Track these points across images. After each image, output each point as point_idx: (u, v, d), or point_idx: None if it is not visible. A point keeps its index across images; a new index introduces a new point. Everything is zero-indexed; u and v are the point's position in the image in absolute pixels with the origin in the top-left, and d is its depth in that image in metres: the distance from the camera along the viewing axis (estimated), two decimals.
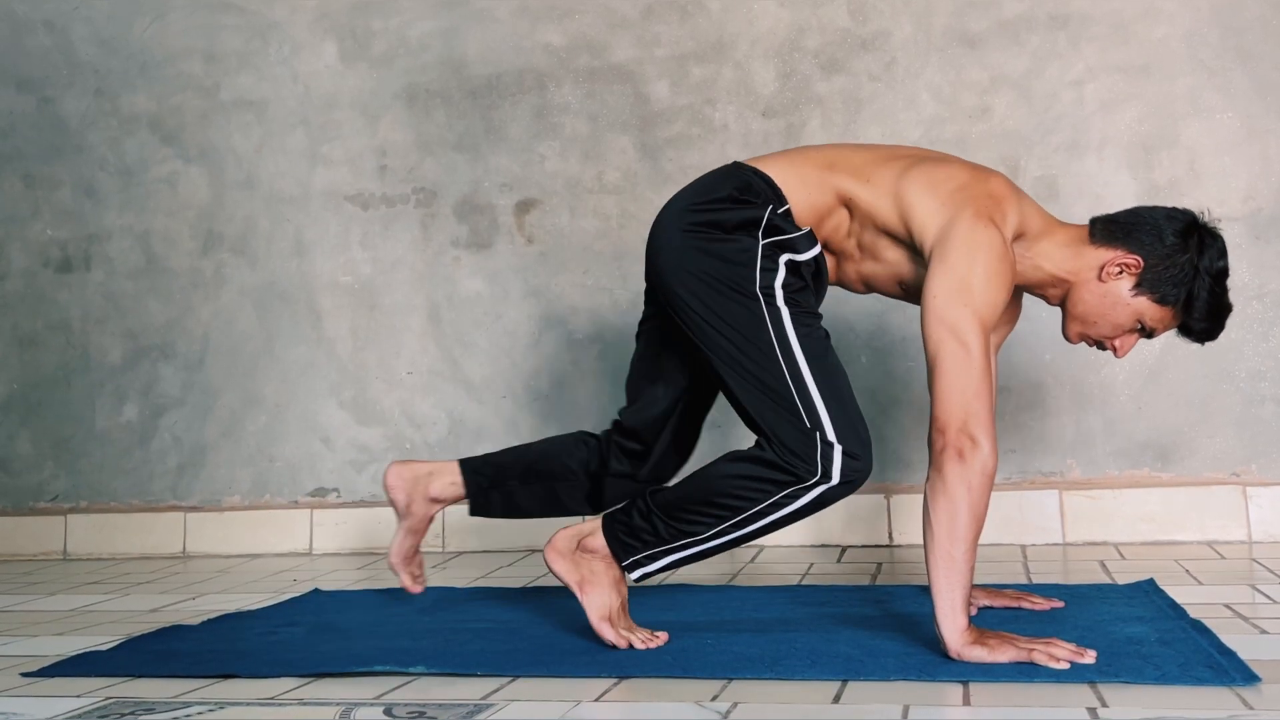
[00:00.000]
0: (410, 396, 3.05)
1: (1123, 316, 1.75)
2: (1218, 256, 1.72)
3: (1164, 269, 1.70)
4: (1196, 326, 1.75)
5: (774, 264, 1.72)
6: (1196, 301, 1.72)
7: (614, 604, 1.74)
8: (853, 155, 1.82)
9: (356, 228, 3.11)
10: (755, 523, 1.69)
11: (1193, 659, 1.49)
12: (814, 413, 1.66)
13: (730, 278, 1.72)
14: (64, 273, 3.29)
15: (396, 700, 1.49)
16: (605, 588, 1.75)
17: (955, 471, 1.56)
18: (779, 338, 1.69)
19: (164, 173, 3.24)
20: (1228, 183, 2.62)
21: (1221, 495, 2.58)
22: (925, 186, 1.73)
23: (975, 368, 1.58)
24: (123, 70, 3.27)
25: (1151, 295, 1.72)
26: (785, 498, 1.66)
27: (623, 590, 1.77)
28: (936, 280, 1.64)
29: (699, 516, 1.70)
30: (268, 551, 3.06)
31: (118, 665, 1.73)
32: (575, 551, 1.77)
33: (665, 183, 2.90)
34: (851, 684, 1.47)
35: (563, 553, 1.77)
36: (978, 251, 1.64)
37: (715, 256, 1.73)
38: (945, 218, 1.68)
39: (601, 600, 1.74)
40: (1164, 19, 2.67)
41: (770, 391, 1.68)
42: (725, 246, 1.73)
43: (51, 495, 3.26)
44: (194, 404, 3.18)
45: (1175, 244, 1.70)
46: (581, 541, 1.77)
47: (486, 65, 3.04)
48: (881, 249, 1.80)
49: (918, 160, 1.79)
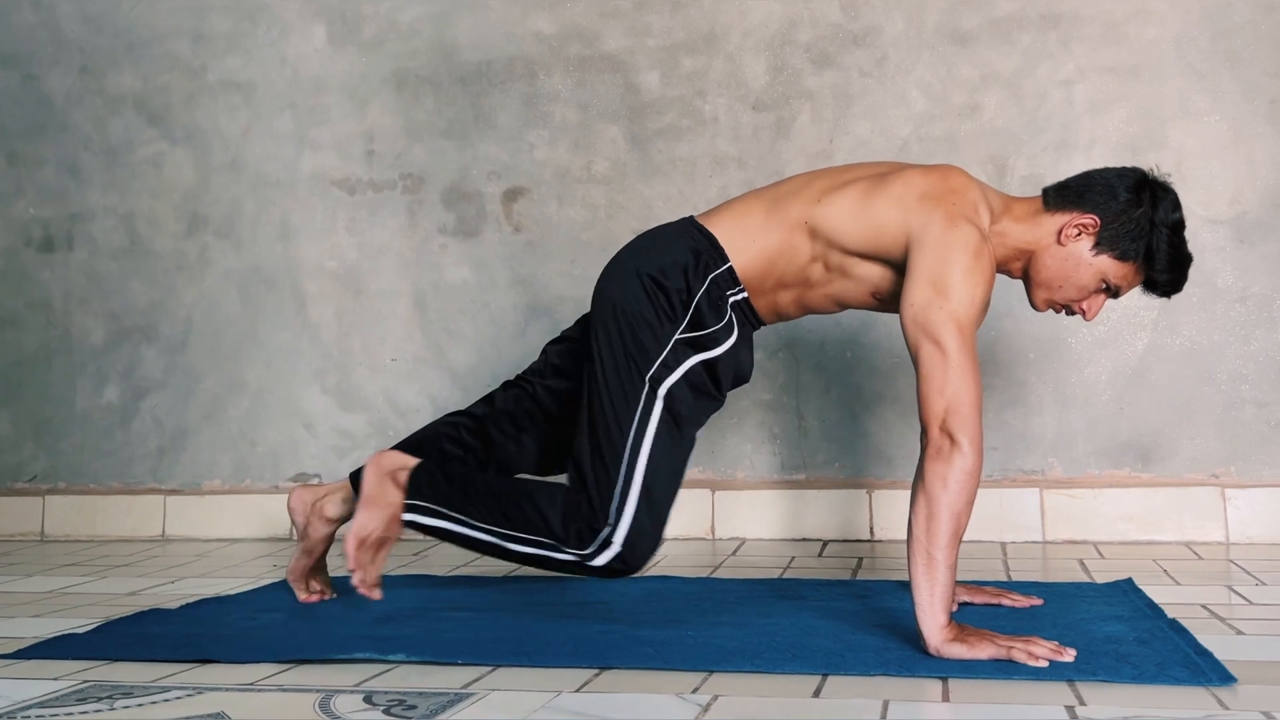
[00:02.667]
0: (394, 383, 3.04)
1: (1086, 277, 1.77)
2: (1172, 208, 1.75)
3: (1120, 225, 1.73)
4: (1160, 279, 1.78)
5: (676, 362, 1.78)
6: (1157, 254, 1.74)
7: (375, 532, 1.85)
8: (805, 186, 1.86)
9: (343, 213, 3.09)
10: (516, 545, 1.81)
11: (1170, 659, 1.50)
12: (621, 508, 1.74)
13: (637, 347, 1.79)
14: (46, 252, 3.26)
15: (376, 688, 1.48)
16: (380, 515, 1.86)
17: (934, 469, 1.57)
18: (639, 428, 1.77)
19: (149, 153, 3.21)
20: (1214, 186, 2.63)
21: (1201, 496, 2.60)
22: (890, 202, 1.75)
23: (953, 368, 1.60)
24: (109, 49, 3.24)
25: (1112, 252, 1.74)
26: (547, 544, 1.78)
27: (393, 532, 1.87)
28: (913, 287, 1.66)
29: (486, 507, 1.81)
30: (248, 536, 3.05)
31: (95, 648, 1.72)
32: (389, 474, 1.88)
33: (654, 174, 2.90)
34: (831, 678, 1.48)
35: (381, 468, 1.89)
36: (952, 251, 1.66)
37: (636, 325, 1.79)
38: (916, 225, 1.71)
39: (370, 523, 1.85)
40: (1155, 20, 2.68)
41: (601, 461, 1.76)
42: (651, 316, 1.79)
43: (30, 475, 3.24)
44: (176, 387, 3.16)
45: (1129, 199, 1.73)
46: (397, 471, 1.88)
47: (477, 52, 3.03)
48: (850, 266, 1.82)
49: (875, 179, 1.81)
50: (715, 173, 2.87)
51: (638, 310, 1.79)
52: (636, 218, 2.90)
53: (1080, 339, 2.68)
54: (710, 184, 2.86)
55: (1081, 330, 2.67)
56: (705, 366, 1.80)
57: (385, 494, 1.87)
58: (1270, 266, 2.61)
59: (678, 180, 2.89)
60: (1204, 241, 2.59)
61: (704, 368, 1.80)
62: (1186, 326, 2.63)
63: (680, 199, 2.87)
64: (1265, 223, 2.62)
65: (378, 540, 1.86)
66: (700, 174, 2.88)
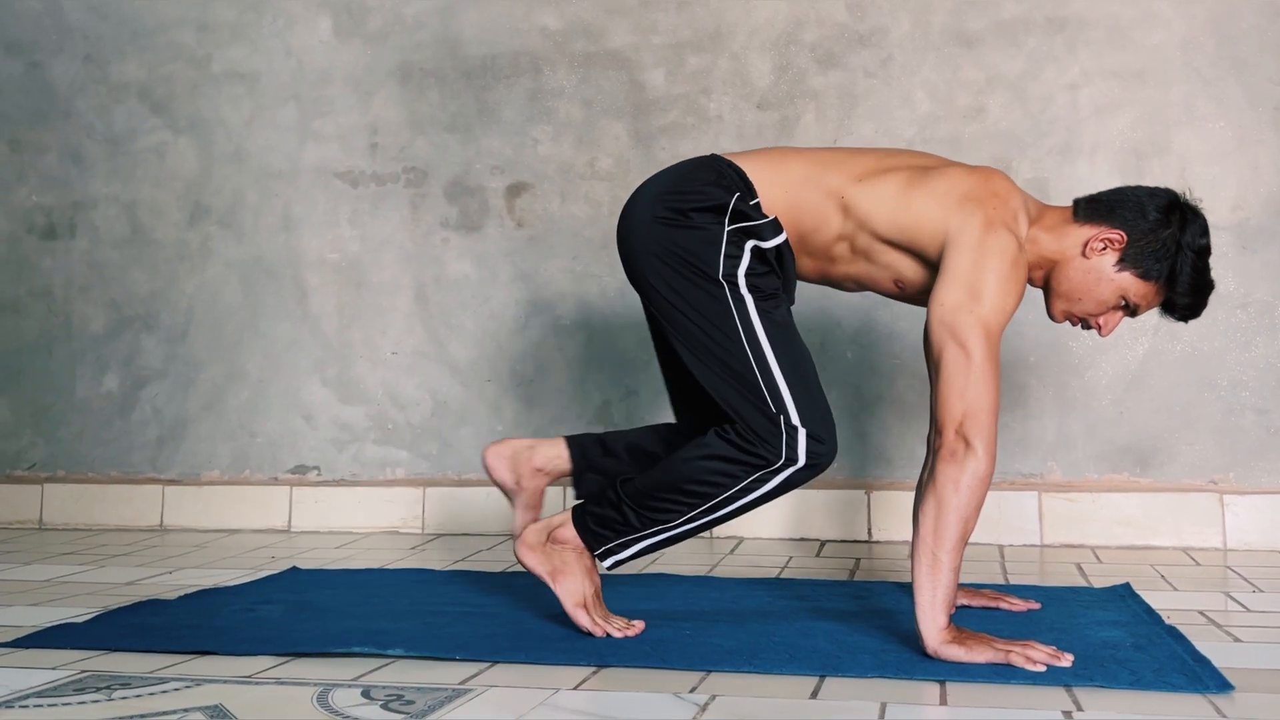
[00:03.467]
0: (394, 376, 3.04)
1: (1107, 292, 1.76)
2: (1200, 233, 1.74)
3: (1147, 244, 1.72)
4: (1180, 302, 1.76)
5: (739, 250, 1.73)
6: (1180, 277, 1.73)
7: (588, 591, 1.75)
8: (850, 160, 1.81)
9: (345, 205, 3.09)
10: (724, 508, 1.71)
11: (1167, 665, 1.50)
12: (778, 397, 1.68)
13: (696, 263, 1.73)
14: (48, 239, 3.26)
15: (374, 682, 1.49)
16: (578, 576, 1.76)
17: (946, 472, 1.57)
18: (744, 323, 1.71)
19: (152, 142, 3.21)
20: (1217, 192, 2.63)
21: (1199, 502, 2.60)
22: (932, 198, 1.72)
23: (976, 373, 1.59)
24: (113, 37, 3.23)
25: (1135, 270, 1.73)
26: (752, 483, 1.69)
27: (595, 579, 1.78)
28: (945, 287, 1.65)
29: (668, 504, 1.72)
30: (246, 527, 3.05)
31: (93, 638, 1.72)
32: (545, 544, 1.78)
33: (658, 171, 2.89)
34: (829, 679, 1.48)
35: (533, 546, 1.78)
36: (989, 258, 1.65)
37: (682, 241, 1.74)
38: (955, 225, 1.68)
39: (575, 588, 1.75)
40: (1160, 25, 2.68)
41: (735, 376, 1.70)
42: (692, 233, 1.74)
43: (29, 464, 3.24)
44: (176, 376, 3.16)
45: (1158, 219, 1.72)
46: (551, 533, 1.79)
47: (482, 46, 3.03)
48: (878, 253, 1.79)
49: (919, 171, 1.78)
50: None
51: (678, 228, 1.74)
52: None
53: (1081, 343, 2.68)
54: None
55: (1082, 334, 2.67)
56: (763, 253, 1.75)
57: (563, 558, 1.77)
58: (1272, 273, 2.61)
59: None
60: (1211, 241, 2.58)
61: (764, 254, 1.75)
62: (1187, 332, 2.63)
63: None
64: (1268, 229, 2.62)
65: (595, 592, 1.77)
66: None
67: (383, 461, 3.04)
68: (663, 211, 1.77)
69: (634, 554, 1.77)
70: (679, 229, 1.75)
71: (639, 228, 1.79)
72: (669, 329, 1.77)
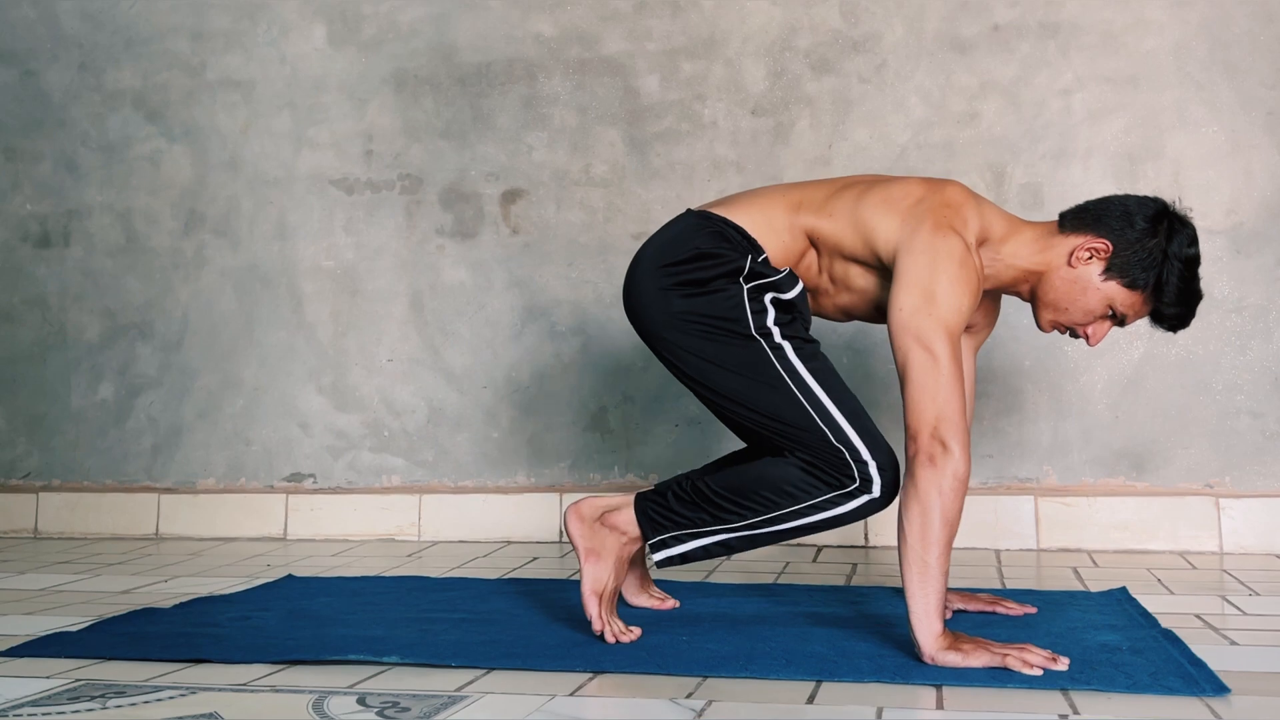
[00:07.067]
0: (390, 384, 3.04)
1: (1093, 302, 1.76)
2: (1188, 243, 1.73)
3: (1133, 253, 1.72)
4: (1167, 312, 1.76)
5: (762, 305, 1.75)
6: (1166, 287, 1.73)
7: (609, 583, 1.76)
8: (813, 191, 1.84)
9: (340, 212, 3.09)
10: (792, 520, 1.71)
11: (1164, 668, 1.50)
12: (843, 437, 1.69)
13: (724, 325, 1.74)
14: (42, 248, 3.26)
15: (370, 690, 1.48)
16: (608, 565, 1.77)
17: (927, 477, 1.57)
18: (788, 372, 1.72)
19: (147, 150, 3.21)
20: (1210, 196, 2.64)
21: (1195, 506, 2.60)
22: (882, 205, 1.75)
23: (944, 374, 1.60)
24: (108, 45, 3.23)
25: (1121, 279, 1.73)
26: (826, 501, 1.69)
27: (622, 576, 1.79)
28: (900, 293, 1.66)
29: (737, 504, 1.72)
30: (241, 535, 3.04)
31: (88, 647, 1.72)
32: (596, 521, 1.79)
33: (653, 177, 2.90)
34: (825, 684, 1.48)
35: (584, 518, 1.80)
36: (939, 260, 1.66)
37: (704, 309, 1.75)
38: (906, 232, 1.70)
39: (601, 574, 1.76)
40: (1153, 31, 2.69)
41: (793, 426, 1.70)
42: (713, 298, 1.75)
43: (24, 472, 3.23)
44: (171, 385, 3.16)
45: (1145, 229, 1.72)
46: (605, 515, 1.80)
47: (476, 53, 3.03)
48: (853, 278, 1.82)
49: (871, 184, 1.81)
50: (714, 177, 2.87)
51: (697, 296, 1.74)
52: (634, 221, 2.90)
53: (1076, 348, 2.69)
54: (708, 188, 2.86)
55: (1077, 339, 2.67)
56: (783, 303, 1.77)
57: (605, 541, 1.78)
58: (1266, 277, 2.62)
59: (676, 184, 2.89)
60: (1200, 251, 2.59)
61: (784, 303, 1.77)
62: (1182, 336, 2.63)
63: (678, 202, 2.87)
64: (1261, 233, 2.62)
65: (614, 590, 1.77)
66: (699, 178, 2.88)
67: (378, 469, 3.03)
68: (675, 282, 1.77)
69: (687, 551, 1.77)
70: (698, 297, 1.75)
71: (653, 303, 1.79)
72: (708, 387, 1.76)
